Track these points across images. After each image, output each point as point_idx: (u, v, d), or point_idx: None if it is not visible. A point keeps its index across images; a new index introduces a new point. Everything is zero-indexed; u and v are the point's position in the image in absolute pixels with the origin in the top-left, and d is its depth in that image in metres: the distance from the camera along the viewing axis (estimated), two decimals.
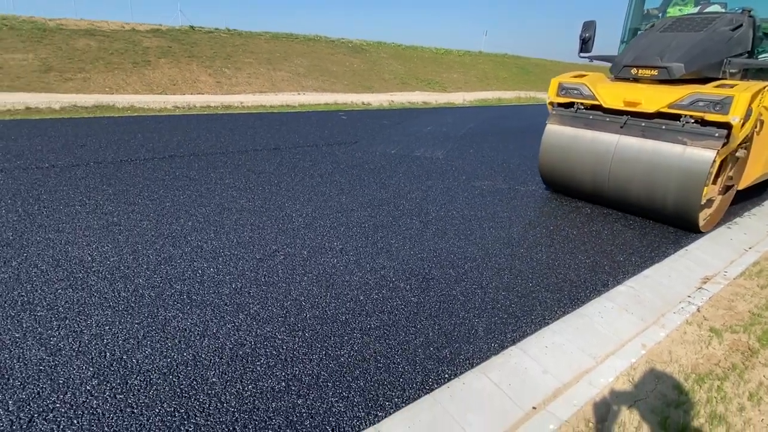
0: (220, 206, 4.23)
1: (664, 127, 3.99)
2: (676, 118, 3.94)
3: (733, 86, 3.75)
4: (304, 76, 15.20)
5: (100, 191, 4.43)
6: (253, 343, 2.33)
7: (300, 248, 3.44)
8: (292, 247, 3.45)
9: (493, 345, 2.42)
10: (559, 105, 4.92)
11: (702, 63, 4.07)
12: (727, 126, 3.64)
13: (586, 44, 5.14)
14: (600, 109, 4.48)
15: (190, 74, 12.86)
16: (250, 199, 4.48)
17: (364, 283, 2.98)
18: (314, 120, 9.75)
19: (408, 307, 2.74)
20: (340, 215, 4.17)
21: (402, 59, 20.21)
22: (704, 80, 4.10)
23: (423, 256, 3.43)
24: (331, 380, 2.10)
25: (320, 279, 3.01)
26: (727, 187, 4.54)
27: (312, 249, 3.44)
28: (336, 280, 3.01)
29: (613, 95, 4.34)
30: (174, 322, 2.46)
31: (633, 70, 4.35)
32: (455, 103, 15.71)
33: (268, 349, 2.29)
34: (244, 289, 2.83)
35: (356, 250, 3.47)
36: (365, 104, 13.43)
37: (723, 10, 4.85)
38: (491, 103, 17.02)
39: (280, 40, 17.35)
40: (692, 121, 3.83)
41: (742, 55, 4.27)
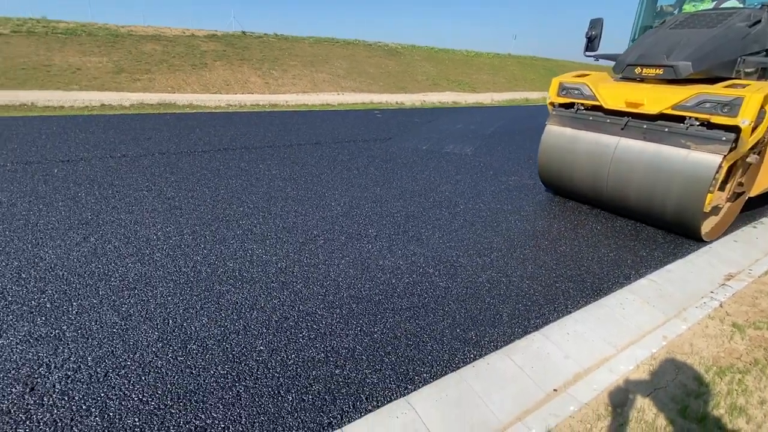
0: (268, 194, 4.33)
1: (666, 129, 3.54)
2: (681, 120, 3.47)
3: (744, 86, 3.25)
4: (343, 78, 15.26)
5: (164, 179, 4.63)
6: (296, 317, 2.39)
7: (338, 234, 3.49)
8: (331, 233, 3.50)
9: (517, 330, 2.39)
10: (560, 105, 4.47)
11: (713, 61, 3.55)
12: (735, 129, 3.18)
13: (592, 42, 4.60)
14: (601, 109, 4.04)
15: (241, 75, 13.15)
16: (294, 188, 4.56)
17: (396, 268, 2.99)
18: (352, 118, 9.79)
19: (436, 291, 2.73)
20: (375, 205, 4.19)
21: (434, 61, 19.94)
22: (714, 80, 3.60)
23: (451, 244, 3.40)
24: (365, 354, 2.13)
25: (356, 262, 3.04)
26: (737, 194, 3.97)
27: (349, 235, 3.48)
28: (370, 263, 3.03)
29: (614, 96, 3.88)
30: (227, 295, 2.55)
31: (637, 69, 3.85)
32: (484, 103, 15.39)
33: (309, 323, 2.34)
34: (288, 269, 2.90)
35: (389, 237, 3.48)
36: (399, 104, 13.36)
37: (741, 5, 4.25)
38: (519, 103, 16.55)
39: (322, 44, 17.46)
40: (697, 123, 3.36)
41: (760, 53, 3.72)
